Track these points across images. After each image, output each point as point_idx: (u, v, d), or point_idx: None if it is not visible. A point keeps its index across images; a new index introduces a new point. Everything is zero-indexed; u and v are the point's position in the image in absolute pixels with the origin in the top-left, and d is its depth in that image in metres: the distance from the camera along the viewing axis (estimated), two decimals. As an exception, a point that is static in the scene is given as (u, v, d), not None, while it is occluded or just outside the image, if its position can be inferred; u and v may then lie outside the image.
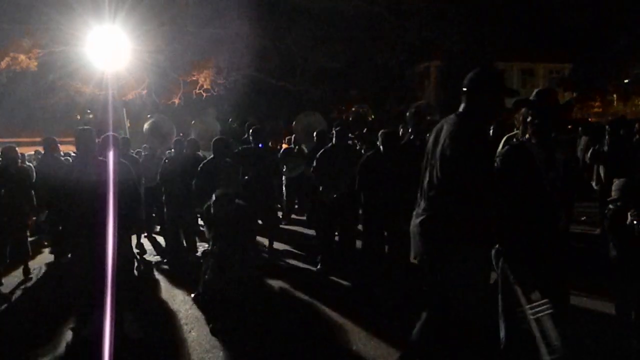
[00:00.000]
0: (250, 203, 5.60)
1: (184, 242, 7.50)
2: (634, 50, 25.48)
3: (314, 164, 6.53)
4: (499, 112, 3.11)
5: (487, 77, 3.02)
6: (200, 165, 6.59)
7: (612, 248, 3.94)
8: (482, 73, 3.01)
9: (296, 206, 11.02)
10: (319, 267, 6.46)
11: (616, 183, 3.94)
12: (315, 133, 7.82)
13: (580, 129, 9.42)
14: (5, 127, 22.26)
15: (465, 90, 3.01)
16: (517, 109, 3.25)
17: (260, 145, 7.45)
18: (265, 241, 7.32)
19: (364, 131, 10.53)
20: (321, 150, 6.57)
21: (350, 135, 9.23)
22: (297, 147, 10.06)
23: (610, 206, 3.96)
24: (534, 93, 3.23)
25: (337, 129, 6.72)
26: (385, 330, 4.40)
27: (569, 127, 8.86)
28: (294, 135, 10.63)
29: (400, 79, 29.12)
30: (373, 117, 16.79)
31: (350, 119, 12.65)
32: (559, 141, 3.16)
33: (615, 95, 31.12)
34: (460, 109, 3.02)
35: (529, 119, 3.18)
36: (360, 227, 6.60)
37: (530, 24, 25.86)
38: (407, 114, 6.01)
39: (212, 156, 6.63)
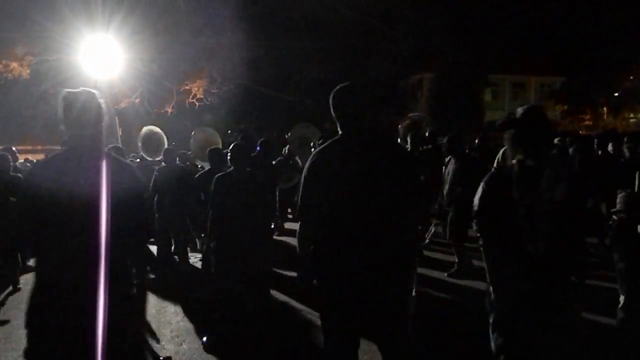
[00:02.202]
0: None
1: (176, 254, 7.45)
2: (625, 64, 25.83)
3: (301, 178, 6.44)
4: None
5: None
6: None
7: (619, 260, 3.87)
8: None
9: (289, 216, 11.01)
10: None
11: (621, 195, 3.91)
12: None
13: (567, 139, 9.43)
14: (-4, 135, 22.14)
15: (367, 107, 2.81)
16: (503, 130, 2.95)
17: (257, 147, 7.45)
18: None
19: None
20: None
21: None
22: (291, 158, 10.05)
23: (614, 217, 3.92)
24: (521, 112, 2.84)
25: (320, 142, 6.64)
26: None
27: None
28: (288, 146, 10.63)
29: (393, 90, 29.24)
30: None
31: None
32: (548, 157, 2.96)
33: (605, 109, 31.46)
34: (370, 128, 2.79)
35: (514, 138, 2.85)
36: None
37: (523, 37, 26.11)
38: (400, 126, 6.01)
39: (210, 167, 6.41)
